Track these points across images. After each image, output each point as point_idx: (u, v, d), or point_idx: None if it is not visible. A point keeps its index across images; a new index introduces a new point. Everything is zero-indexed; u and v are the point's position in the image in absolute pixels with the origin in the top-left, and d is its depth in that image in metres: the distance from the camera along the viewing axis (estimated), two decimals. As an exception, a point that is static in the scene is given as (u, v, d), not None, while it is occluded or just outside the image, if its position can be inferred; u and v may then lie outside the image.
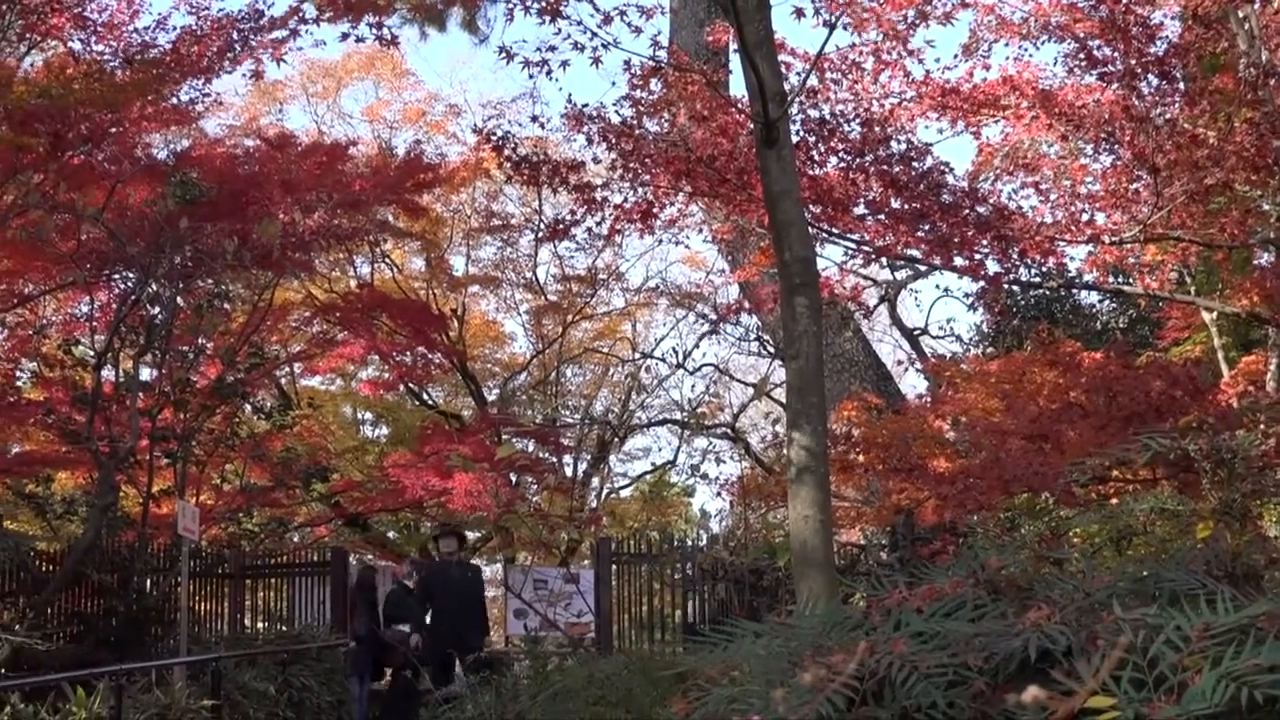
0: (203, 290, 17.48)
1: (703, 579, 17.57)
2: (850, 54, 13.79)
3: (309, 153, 19.09)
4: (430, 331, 23.11)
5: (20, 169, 14.83)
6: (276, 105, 30.22)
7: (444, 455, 18.56)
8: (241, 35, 15.27)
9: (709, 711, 4.12)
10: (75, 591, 16.82)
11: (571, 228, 15.57)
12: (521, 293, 30.39)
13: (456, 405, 30.18)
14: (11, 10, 15.14)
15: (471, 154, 24.94)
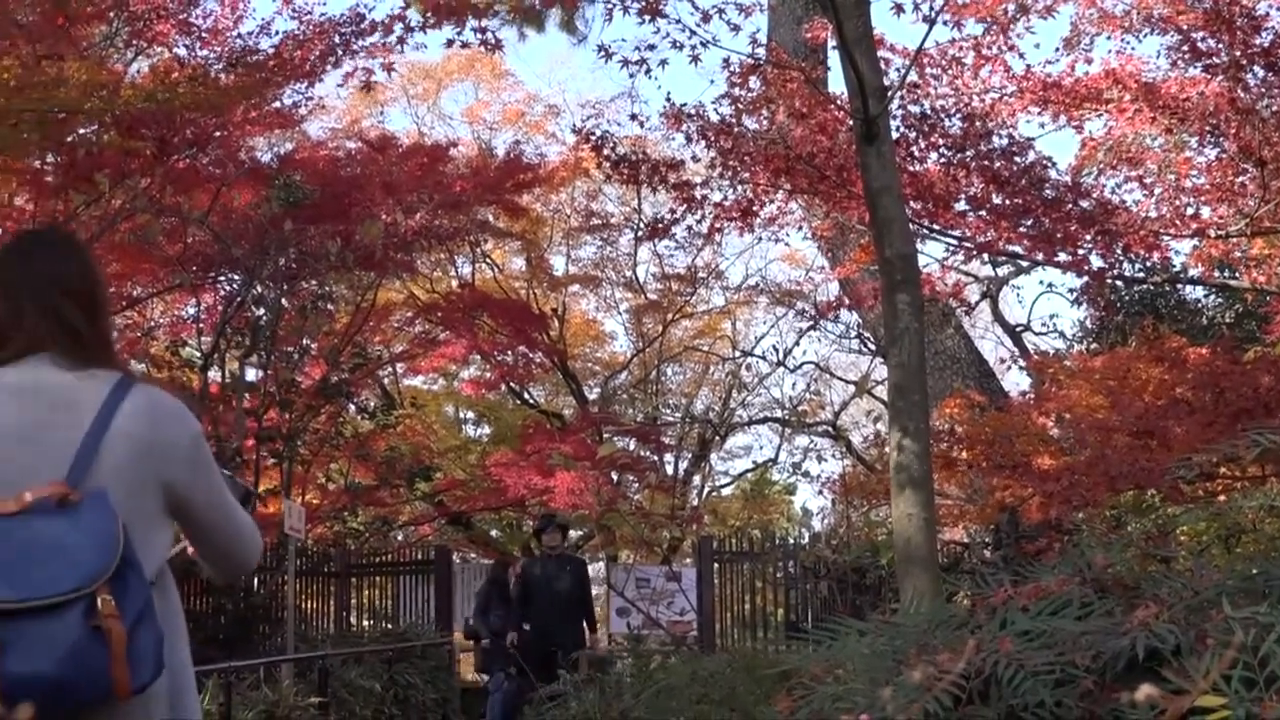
0: (307, 291, 17.63)
1: (805, 577, 17.51)
2: (950, 49, 13.69)
3: (410, 154, 19.22)
4: (531, 331, 23.20)
5: (128, 173, 15.03)
6: (378, 107, 30.43)
7: (546, 454, 18.63)
8: (343, 39, 15.39)
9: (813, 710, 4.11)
10: (185, 590, 16.87)
11: (671, 226, 15.57)
12: (621, 291, 30.44)
13: (558, 404, 30.27)
14: (119, 17, 15.35)
15: (570, 154, 24.99)
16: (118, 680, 2.57)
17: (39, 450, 2.78)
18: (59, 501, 2.68)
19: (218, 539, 3.13)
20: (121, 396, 2.89)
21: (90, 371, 2.92)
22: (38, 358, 2.92)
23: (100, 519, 2.68)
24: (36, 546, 2.61)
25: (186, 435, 3.00)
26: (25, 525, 2.64)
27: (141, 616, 2.65)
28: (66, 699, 2.53)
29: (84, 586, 2.57)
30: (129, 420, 2.87)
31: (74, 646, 2.53)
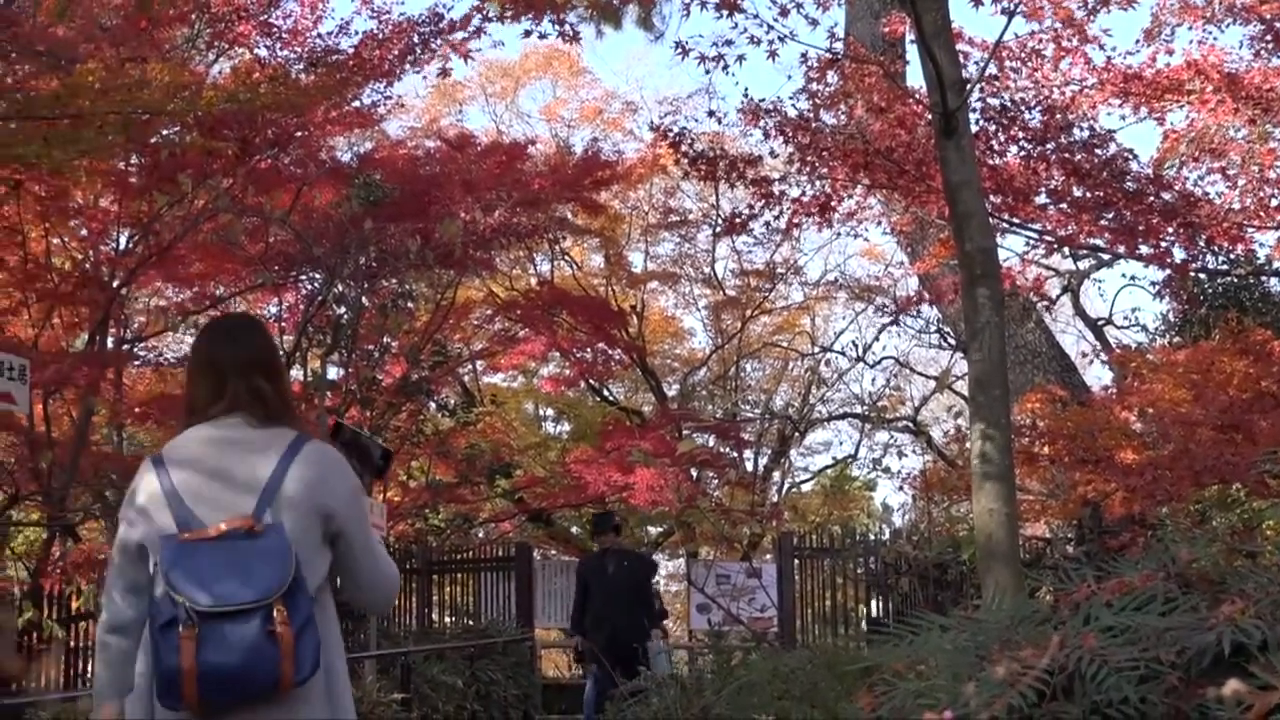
0: (387, 290, 17.73)
1: (886, 573, 17.47)
2: (1029, 41, 13.63)
3: (488, 152, 19.29)
4: (610, 328, 23.23)
5: (210, 174, 15.17)
6: (456, 106, 30.59)
7: (625, 451, 18.64)
8: (422, 38, 15.48)
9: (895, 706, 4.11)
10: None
11: (749, 222, 15.56)
12: (700, 288, 30.43)
13: (637, 401, 30.31)
14: (201, 19, 15.51)
15: (648, 150, 25.03)
16: (284, 674, 3.38)
17: (233, 490, 3.61)
18: (247, 531, 3.51)
19: (362, 577, 3.91)
20: (298, 449, 3.72)
21: (274, 429, 3.77)
22: (234, 416, 3.78)
23: (277, 546, 3.51)
24: (229, 566, 3.44)
25: (347, 484, 3.83)
26: (221, 549, 3.48)
27: (305, 625, 3.46)
28: (244, 686, 3.37)
29: (264, 599, 3.40)
30: (302, 468, 3.69)
31: (253, 645, 3.35)
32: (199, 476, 3.65)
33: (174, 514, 3.58)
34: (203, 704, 3.35)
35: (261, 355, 3.94)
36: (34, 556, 17.61)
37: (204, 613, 3.35)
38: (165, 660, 3.35)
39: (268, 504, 3.58)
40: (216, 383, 3.83)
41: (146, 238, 16.12)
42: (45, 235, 16.36)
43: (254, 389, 3.80)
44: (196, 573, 3.42)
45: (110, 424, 19.43)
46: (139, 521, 3.65)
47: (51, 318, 16.56)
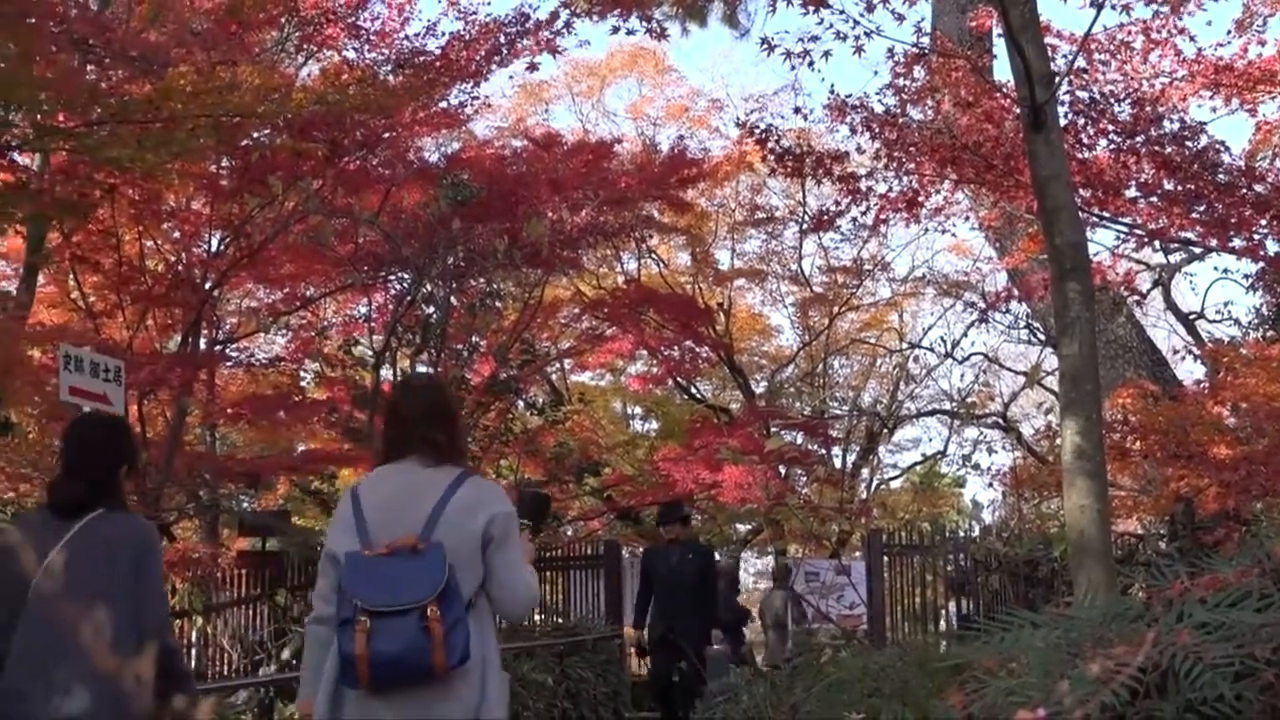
0: (475, 289, 17.81)
1: (976, 570, 17.37)
2: (1118, 33, 13.52)
3: (575, 151, 19.33)
4: (697, 325, 23.22)
5: (300, 176, 15.30)
6: (542, 105, 30.67)
7: (713, 448, 18.64)
8: (509, 38, 15.55)
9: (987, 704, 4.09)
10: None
11: (836, 219, 15.55)
12: (787, 285, 30.40)
13: (724, 398, 30.29)
14: (290, 23, 15.64)
15: (734, 148, 25.02)
16: (436, 661, 4.30)
17: (404, 516, 4.55)
18: (411, 549, 4.45)
19: (505, 590, 4.64)
20: (460, 483, 4.66)
21: (443, 468, 4.71)
22: (411, 458, 4.75)
23: (436, 561, 4.41)
24: (396, 575, 4.39)
25: (501, 510, 4.67)
26: (390, 562, 4.42)
27: (456, 623, 4.36)
28: (404, 669, 4.32)
29: (419, 601, 4.32)
30: (462, 497, 4.61)
31: (412, 637, 4.29)
32: (380, 505, 4.63)
33: (358, 534, 4.56)
34: (373, 682, 4.33)
35: (437, 409, 4.89)
36: (130, 556, 17.82)
37: (373, 611, 4.33)
38: (344, 648, 4.35)
39: (431, 528, 4.51)
40: (400, 431, 4.86)
41: (238, 239, 16.29)
42: (139, 238, 16.55)
43: (428, 436, 4.78)
44: (369, 580, 4.41)
45: (203, 424, 19.64)
46: (335, 539, 4.65)
47: (146, 320, 16.74)
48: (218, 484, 18.53)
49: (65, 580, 4.72)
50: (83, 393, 9.59)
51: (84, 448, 5.11)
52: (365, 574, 4.43)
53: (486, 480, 5.05)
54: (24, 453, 15.62)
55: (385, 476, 4.78)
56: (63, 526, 4.83)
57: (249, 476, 18.58)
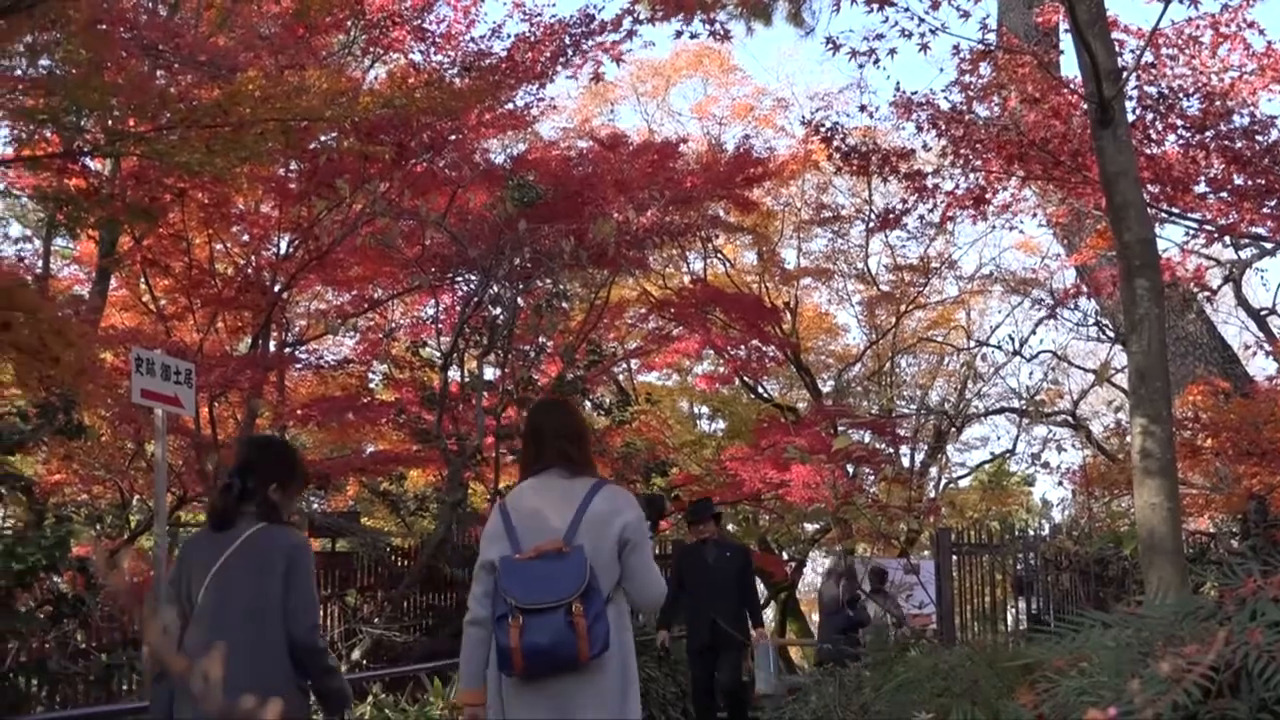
0: (542, 290, 17.84)
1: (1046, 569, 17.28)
2: (1186, 28, 13.42)
3: (640, 151, 19.36)
4: (764, 325, 23.21)
5: (367, 178, 15.39)
6: (608, 106, 30.71)
7: (780, 448, 18.60)
8: (574, 40, 15.57)
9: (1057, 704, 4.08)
10: (429, 585, 17.32)
11: (902, 217, 15.51)
12: (853, 283, 30.33)
13: (791, 398, 30.25)
14: (356, 26, 15.73)
15: (800, 146, 24.97)
16: (581, 651, 4.86)
17: (548, 523, 5.11)
18: (557, 552, 5.00)
19: (639, 588, 5.20)
20: (597, 490, 5.22)
21: (580, 479, 5.27)
22: (551, 470, 5.30)
23: (578, 563, 4.97)
24: (544, 576, 4.96)
25: (633, 515, 5.22)
26: (538, 565, 5.00)
27: (597, 617, 4.91)
28: (553, 659, 4.88)
29: (565, 599, 4.89)
30: (600, 505, 5.16)
31: (559, 630, 4.86)
32: (526, 515, 5.20)
33: (509, 541, 5.14)
34: (526, 671, 4.92)
35: (569, 427, 5.47)
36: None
37: (524, 608, 4.91)
38: (501, 641, 4.96)
39: (573, 532, 5.06)
40: (539, 447, 5.41)
41: (306, 242, 16.41)
42: (209, 242, 16.71)
43: (563, 451, 5.34)
44: (521, 582, 4.98)
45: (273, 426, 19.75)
46: (489, 546, 5.21)
47: (216, 322, 16.89)
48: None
49: (225, 590, 5.21)
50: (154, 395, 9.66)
51: (241, 467, 5.50)
52: (517, 576, 5.02)
53: (620, 488, 5.52)
54: (97, 455, 15.77)
55: (529, 489, 5.35)
56: (224, 540, 5.31)
57: (319, 478, 18.67)
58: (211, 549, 5.28)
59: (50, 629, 9.85)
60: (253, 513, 5.37)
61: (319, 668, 5.34)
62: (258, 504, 5.39)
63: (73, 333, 11.25)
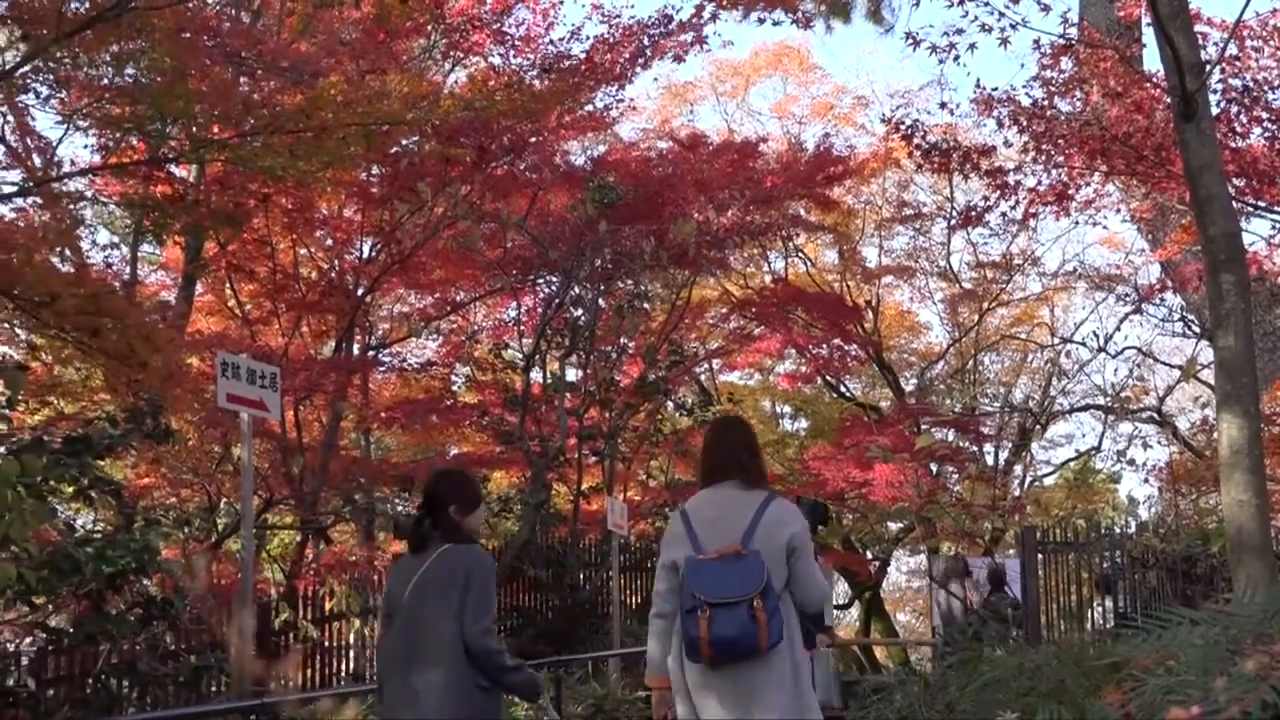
0: (623, 291, 17.89)
1: (1132, 567, 17.12)
2: (1271, 19, 13.28)
3: (720, 152, 19.35)
4: (845, 323, 23.15)
5: (449, 181, 15.48)
6: (687, 106, 30.68)
7: (863, 446, 18.55)
8: (652, 40, 15.60)
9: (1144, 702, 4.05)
10: (514, 586, 17.40)
11: (984, 213, 15.44)
12: (935, 281, 30.15)
13: (874, 396, 30.13)
14: (436, 30, 15.82)
15: (880, 144, 24.88)
16: (761, 641, 5.45)
17: (727, 528, 5.69)
18: (736, 554, 5.59)
19: (805, 589, 5.76)
20: (769, 503, 5.77)
21: (754, 491, 5.83)
22: (728, 482, 5.88)
23: (755, 564, 5.56)
24: (726, 575, 5.56)
25: (800, 526, 5.81)
26: (721, 565, 5.60)
27: (773, 612, 5.50)
28: (738, 647, 5.47)
29: (747, 595, 5.49)
30: (770, 514, 5.72)
31: (742, 622, 5.45)
32: (706, 521, 5.79)
33: (691, 544, 5.73)
34: (713, 658, 5.50)
35: (746, 443, 6.06)
36: (288, 559, 18.11)
37: (712, 603, 5.49)
38: (690, 632, 5.55)
39: (750, 537, 5.64)
40: (716, 460, 5.99)
41: (388, 246, 16.51)
42: (293, 246, 16.85)
43: (741, 465, 5.92)
44: (707, 579, 5.59)
45: (358, 428, 19.92)
46: (672, 548, 5.82)
47: (300, 326, 17.03)
48: (372, 488, 18.78)
49: (420, 602, 6.02)
50: (240, 399, 9.75)
51: (426, 498, 6.37)
52: (703, 574, 5.63)
53: (787, 501, 6.11)
54: (184, 459, 15.92)
55: (708, 497, 5.95)
56: (420, 560, 6.16)
57: (403, 480, 18.78)
58: (410, 567, 6.18)
59: (140, 631, 9.94)
60: (439, 535, 6.20)
61: (494, 666, 6.00)
62: (443, 527, 6.23)
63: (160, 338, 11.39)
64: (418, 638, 6.03)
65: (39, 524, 6.86)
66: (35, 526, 6.70)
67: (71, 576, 8.99)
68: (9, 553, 7.56)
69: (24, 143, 13.54)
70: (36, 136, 13.47)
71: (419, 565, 6.15)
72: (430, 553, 6.17)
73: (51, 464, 8.69)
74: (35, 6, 9.40)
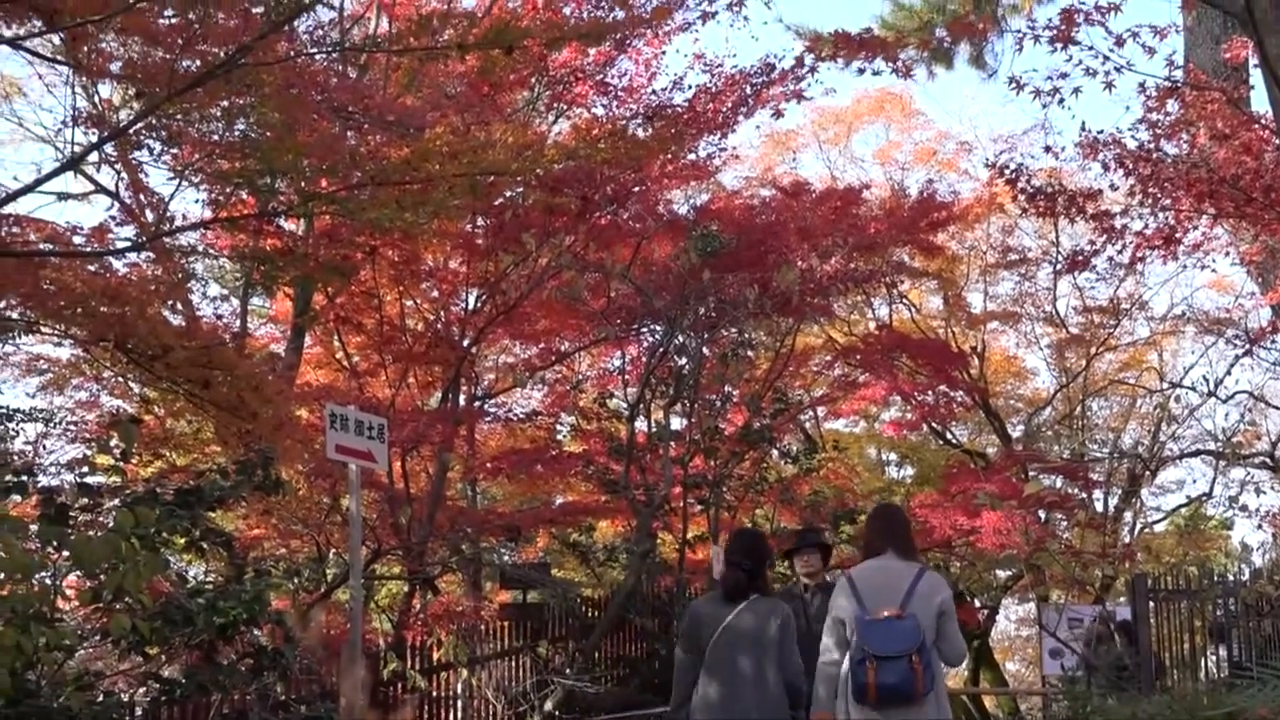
0: (727, 339, 17.88)
1: (1247, 614, 16.87)
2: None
3: (823, 199, 19.35)
4: (951, 370, 23.02)
5: (553, 232, 15.59)
6: (789, 154, 30.71)
7: (970, 494, 18.41)
8: (754, 89, 15.65)
9: (1263, 751, 4.00)
10: (619, 636, 17.41)
11: (1091, 258, 15.33)
12: (1042, 326, 29.90)
13: (980, 443, 29.91)
14: (540, 82, 15.96)
15: (984, 189, 24.78)
16: (918, 689, 6.67)
17: (888, 593, 6.93)
18: (897, 616, 6.82)
19: (950, 647, 7.02)
20: (922, 574, 7.06)
21: (909, 563, 7.15)
22: (887, 555, 7.19)
23: (913, 625, 6.79)
24: (891, 633, 6.78)
25: (946, 594, 7.05)
26: (884, 625, 6.81)
27: (928, 664, 6.72)
28: (900, 693, 6.67)
29: (907, 650, 6.70)
30: (924, 584, 7.00)
31: (905, 673, 6.66)
32: (870, 586, 7.03)
33: (857, 605, 6.95)
34: (878, 701, 6.70)
35: (904, 525, 7.51)
36: (396, 609, 18.21)
37: (879, 656, 6.71)
38: (859, 679, 6.75)
39: (908, 602, 6.87)
40: (881, 537, 7.31)
41: (493, 296, 16.64)
42: (399, 298, 17.01)
43: (898, 543, 7.25)
44: (875, 636, 6.80)
45: (464, 479, 20.04)
46: (840, 609, 7.05)
47: (407, 377, 17.18)
48: (479, 538, 18.86)
49: (733, 644, 7.43)
50: (348, 450, 9.86)
51: (744, 552, 7.80)
52: (872, 632, 6.81)
53: (935, 574, 7.39)
54: (294, 510, 16.07)
55: (871, 566, 7.21)
56: (730, 606, 7.55)
57: (509, 530, 18.87)
58: (719, 611, 7.56)
59: (251, 681, 10.02)
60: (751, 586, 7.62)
61: (802, 701, 7.35)
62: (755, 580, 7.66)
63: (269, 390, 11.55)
64: (733, 676, 7.39)
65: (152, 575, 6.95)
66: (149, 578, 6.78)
67: (184, 627, 9.10)
68: (123, 604, 7.67)
69: (137, 199, 13.78)
70: (149, 192, 13.70)
71: (727, 612, 7.53)
72: (738, 602, 7.55)
73: (164, 516, 8.81)
74: (148, 64, 9.57)
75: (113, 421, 11.76)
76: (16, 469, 9.06)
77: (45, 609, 6.49)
